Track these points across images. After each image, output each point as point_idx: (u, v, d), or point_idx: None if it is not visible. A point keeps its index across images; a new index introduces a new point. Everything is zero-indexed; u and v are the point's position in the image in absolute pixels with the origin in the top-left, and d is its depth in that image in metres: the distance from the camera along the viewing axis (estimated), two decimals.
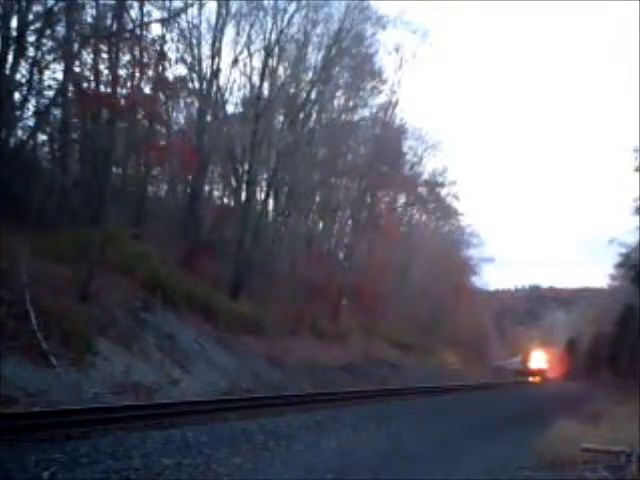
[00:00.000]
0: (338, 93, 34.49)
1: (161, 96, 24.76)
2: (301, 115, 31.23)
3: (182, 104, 28.83)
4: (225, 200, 31.56)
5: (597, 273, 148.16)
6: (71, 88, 20.02)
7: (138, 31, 21.96)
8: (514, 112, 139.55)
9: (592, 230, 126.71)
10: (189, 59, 26.11)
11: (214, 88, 27.15)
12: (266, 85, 28.69)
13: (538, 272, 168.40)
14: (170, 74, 24.64)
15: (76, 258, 15.60)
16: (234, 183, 29.02)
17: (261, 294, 25.19)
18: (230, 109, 30.01)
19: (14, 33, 17.42)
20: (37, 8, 18.25)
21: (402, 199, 48.24)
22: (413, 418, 14.30)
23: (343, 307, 34.34)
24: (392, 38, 36.86)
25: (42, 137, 20.88)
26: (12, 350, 11.46)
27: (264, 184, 29.73)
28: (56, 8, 18.72)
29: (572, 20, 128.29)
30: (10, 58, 17.35)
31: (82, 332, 13.52)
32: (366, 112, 37.90)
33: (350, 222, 39.53)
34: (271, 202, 30.74)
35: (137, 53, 21.78)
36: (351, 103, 35.85)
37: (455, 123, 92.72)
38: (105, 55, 21.06)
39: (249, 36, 27.96)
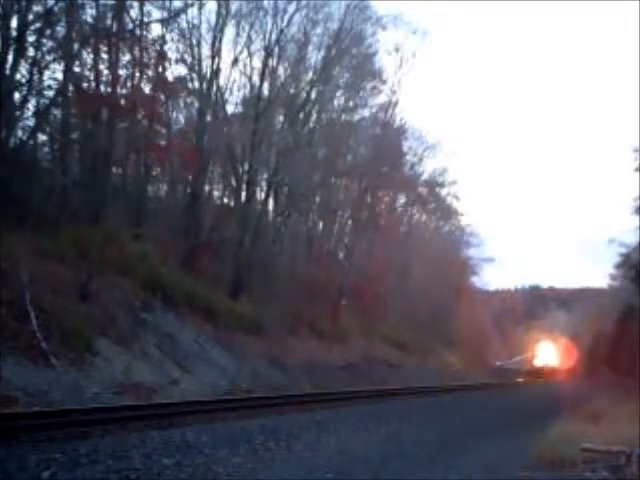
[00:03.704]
0: (338, 93, 34.47)
1: (161, 96, 24.76)
2: (301, 115, 31.21)
3: (182, 104, 28.83)
4: (225, 200, 31.55)
5: (597, 273, 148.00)
6: (71, 88, 20.01)
7: (138, 31, 21.96)
8: (514, 112, 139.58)
9: (592, 230, 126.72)
10: (189, 59, 26.11)
11: (214, 88, 27.13)
12: (266, 85, 28.71)
13: (538, 272, 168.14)
14: (170, 74, 24.68)
15: (76, 258, 15.61)
16: (234, 183, 29.01)
17: (261, 294, 25.18)
18: (230, 109, 30.04)
19: (14, 33, 17.42)
20: (37, 8, 18.24)
21: (402, 199, 48.28)
22: (413, 418, 14.29)
23: (343, 307, 34.33)
24: (392, 38, 36.86)
25: (42, 137, 20.89)
26: (12, 350, 11.47)
27: (264, 184, 29.73)
28: (56, 8, 18.71)
29: (573, 20, 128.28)
30: (10, 58, 17.35)
31: (82, 332, 13.54)
32: (366, 112, 37.94)
33: (350, 222, 39.52)
34: (271, 202, 30.73)
35: (137, 53, 21.78)
36: (351, 103, 35.82)
37: (455, 123, 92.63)
38: (105, 55, 21.03)
39: (249, 36, 27.97)
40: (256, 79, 28.63)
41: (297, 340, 25.23)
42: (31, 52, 18.44)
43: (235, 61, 27.85)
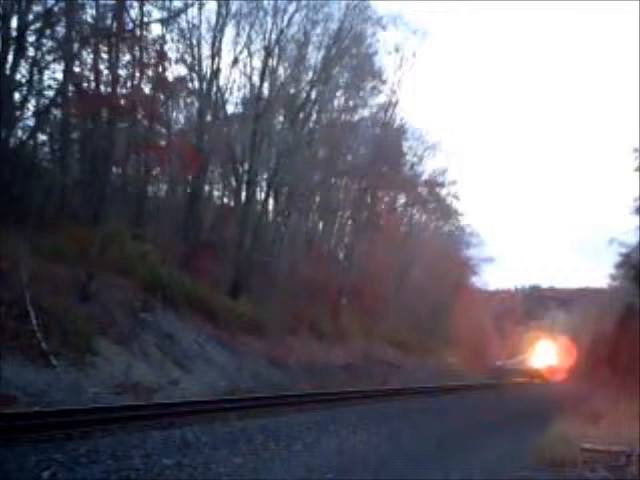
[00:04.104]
0: (338, 93, 34.47)
1: (161, 96, 24.77)
2: (301, 115, 31.21)
3: (182, 104, 28.84)
4: (225, 200, 31.59)
5: (597, 273, 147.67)
6: (71, 88, 20.03)
7: (138, 31, 21.97)
8: (514, 112, 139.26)
9: (592, 230, 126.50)
10: (189, 59, 26.14)
11: (214, 88, 27.15)
12: (266, 85, 28.72)
13: (538, 272, 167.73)
14: (170, 74, 24.70)
15: (76, 258, 15.61)
16: (234, 183, 29.02)
17: (261, 294, 25.18)
18: (230, 109, 30.06)
19: (14, 33, 17.43)
20: (37, 8, 18.28)
21: (402, 199, 48.24)
22: (413, 418, 14.30)
23: (343, 307, 34.32)
24: (392, 38, 36.84)
25: (42, 137, 20.92)
26: (12, 350, 11.48)
27: (264, 184, 29.74)
28: (56, 8, 18.73)
29: (573, 20, 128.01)
30: (10, 58, 17.37)
31: (82, 332, 13.55)
32: (366, 112, 37.92)
33: (350, 222, 39.52)
34: (271, 202, 30.76)
35: (137, 53, 21.80)
36: (351, 103, 35.83)
37: (455, 123, 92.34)
38: (105, 55, 21.07)
39: (249, 36, 28.00)
40: (256, 79, 28.68)
41: (297, 340, 25.22)
42: (31, 52, 18.49)
43: (235, 61, 27.89)
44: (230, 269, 26.05)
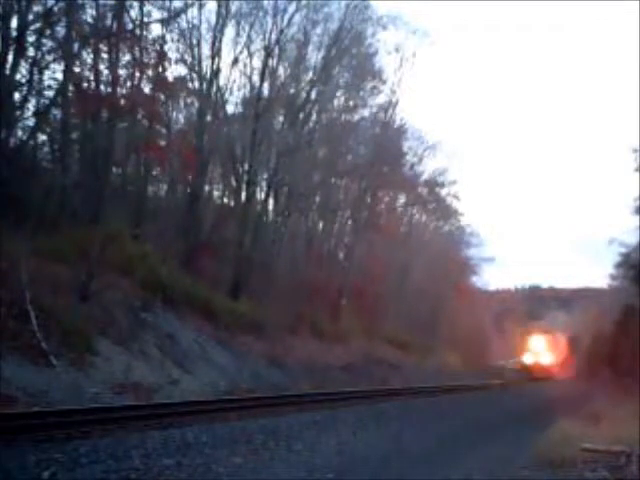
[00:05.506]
0: (338, 93, 34.43)
1: (161, 96, 24.78)
2: (301, 115, 31.21)
3: (182, 104, 28.86)
4: (225, 200, 31.60)
5: (597, 273, 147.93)
6: (71, 88, 20.04)
7: (138, 31, 21.99)
8: (514, 112, 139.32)
9: (592, 230, 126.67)
10: (189, 59, 26.15)
11: (214, 88, 27.16)
12: (266, 85, 28.72)
13: (538, 272, 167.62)
14: (170, 74, 24.71)
15: (76, 258, 15.61)
16: (234, 183, 29.02)
17: (261, 294, 25.19)
18: (230, 109, 30.05)
19: (14, 33, 17.44)
20: (37, 8, 18.28)
21: (402, 199, 48.21)
22: (413, 418, 14.30)
23: (343, 307, 34.32)
24: (392, 38, 36.77)
25: (42, 137, 20.91)
26: (12, 350, 11.46)
27: (264, 184, 29.74)
28: (56, 8, 18.74)
29: (573, 20, 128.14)
30: (10, 58, 17.37)
31: (82, 332, 13.54)
32: (366, 112, 37.88)
33: (350, 222, 39.52)
34: (271, 202, 30.76)
35: (137, 53, 21.81)
36: (351, 103, 35.81)
37: (455, 123, 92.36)
38: (105, 55, 21.07)
39: (249, 36, 27.99)
40: (256, 79, 28.67)
41: (297, 340, 25.21)
42: (31, 52, 18.49)
43: (235, 61, 27.88)
44: (230, 269, 26.06)
